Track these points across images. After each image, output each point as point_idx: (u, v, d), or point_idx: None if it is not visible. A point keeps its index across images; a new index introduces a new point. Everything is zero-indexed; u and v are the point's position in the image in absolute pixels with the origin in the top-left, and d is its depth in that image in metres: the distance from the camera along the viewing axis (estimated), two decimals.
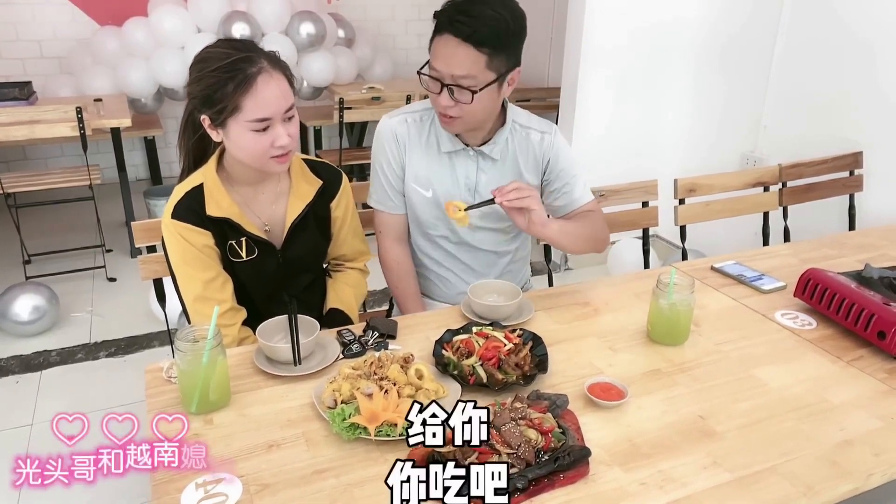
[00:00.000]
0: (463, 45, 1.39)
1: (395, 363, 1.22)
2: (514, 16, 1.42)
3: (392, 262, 1.72)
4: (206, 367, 1.13)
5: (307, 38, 4.24)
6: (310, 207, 1.51)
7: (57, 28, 4.37)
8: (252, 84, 1.30)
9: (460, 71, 1.41)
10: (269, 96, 1.32)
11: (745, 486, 1.02)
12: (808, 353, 1.40)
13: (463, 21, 1.38)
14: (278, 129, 1.34)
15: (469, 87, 1.42)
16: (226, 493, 0.99)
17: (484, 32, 1.38)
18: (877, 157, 2.54)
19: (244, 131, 1.33)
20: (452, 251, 1.72)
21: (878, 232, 2.11)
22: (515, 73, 1.49)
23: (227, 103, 1.31)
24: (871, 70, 2.56)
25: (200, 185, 1.43)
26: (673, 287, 1.36)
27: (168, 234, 1.43)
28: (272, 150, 1.36)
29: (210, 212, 1.41)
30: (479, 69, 1.41)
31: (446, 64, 1.42)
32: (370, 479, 1.02)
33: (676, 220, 2.20)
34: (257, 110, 1.31)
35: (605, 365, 1.34)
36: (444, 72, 1.43)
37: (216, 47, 1.34)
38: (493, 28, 1.39)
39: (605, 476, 1.04)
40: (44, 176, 3.48)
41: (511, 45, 1.44)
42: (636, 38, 3.26)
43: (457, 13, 1.39)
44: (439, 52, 1.43)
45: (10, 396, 2.50)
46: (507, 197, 1.41)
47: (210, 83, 1.31)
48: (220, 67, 1.30)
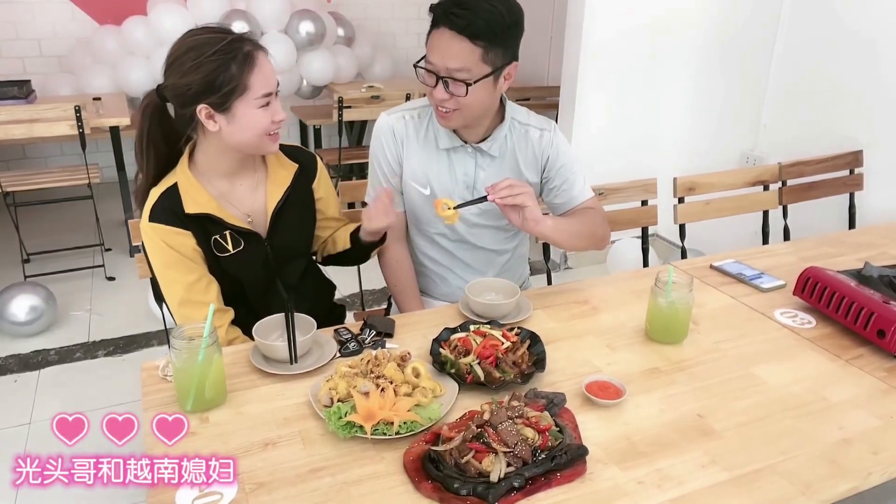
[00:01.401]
0: (458, 38, 1.39)
1: (391, 361, 1.21)
2: (511, 9, 1.42)
3: (391, 260, 1.72)
4: (202, 365, 1.12)
5: (307, 37, 4.23)
6: (290, 191, 1.51)
7: (56, 27, 4.37)
8: (254, 61, 1.33)
9: (455, 63, 1.41)
10: (269, 71, 1.36)
11: (744, 484, 1.02)
12: (808, 351, 1.39)
13: (458, 14, 1.38)
14: (275, 104, 1.38)
15: (464, 79, 1.42)
16: (221, 491, 0.98)
17: (479, 25, 1.38)
18: (877, 155, 2.53)
19: (251, 109, 1.34)
20: (451, 249, 1.71)
21: (877, 230, 2.10)
22: (512, 67, 1.48)
23: (234, 84, 1.31)
24: (872, 68, 2.55)
25: (175, 185, 1.40)
26: (671, 285, 1.36)
27: (147, 239, 1.41)
28: (271, 127, 1.38)
29: (188, 209, 1.39)
30: (473, 62, 1.41)
31: (441, 57, 1.42)
32: (366, 478, 1.02)
33: (676, 219, 2.19)
34: (264, 85, 1.34)
35: (603, 363, 1.33)
36: (440, 64, 1.43)
37: (200, 34, 1.33)
38: (489, 21, 1.38)
39: (602, 475, 1.03)
40: (43, 175, 3.48)
41: (507, 39, 1.43)
42: (636, 36, 3.26)
43: (452, 6, 1.39)
44: (435, 45, 1.43)
45: (8, 395, 2.50)
46: (500, 194, 1.40)
47: (212, 68, 1.29)
48: (218, 51, 1.29)
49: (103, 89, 4.05)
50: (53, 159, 4.64)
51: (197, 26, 1.37)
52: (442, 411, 1.14)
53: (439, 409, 1.14)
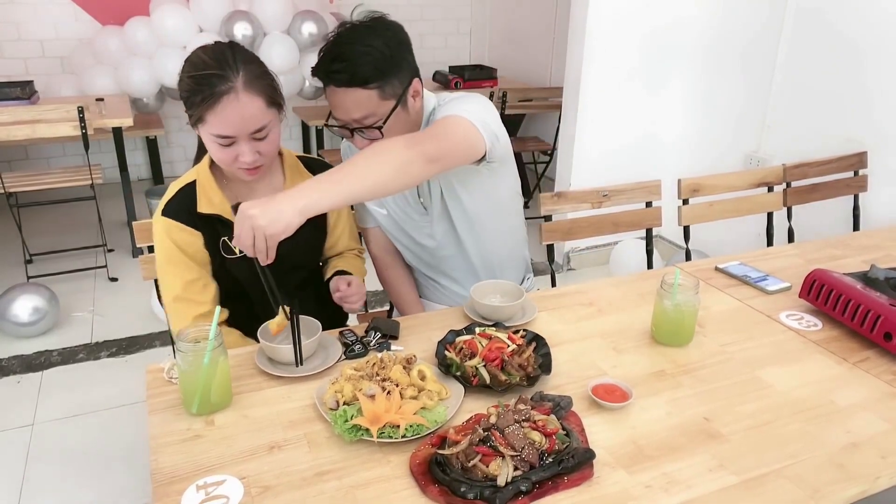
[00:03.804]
0: (349, 91, 1.35)
1: (397, 364, 1.21)
2: (388, 41, 1.37)
3: (382, 269, 1.75)
4: (208, 368, 1.12)
5: (309, 38, 4.23)
6: None
7: (59, 27, 4.37)
8: (216, 102, 1.29)
9: (358, 114, 1.38)
10: (231, 118, 1.31)
11: (751, 488, 1.01)
12: (814, 354, 1.39)
13: (338, 69, 1.34)
14: (242, 147, 1.34)
15: (373, 124, 1.39)
16: (227, 494, 0.98)
17: (364, 71, 1.34)
18: (881, 157, 2.53)
19: (210, 141, 1.35)
20: (428, 261, 1.72)
21: (883, 232, 2.09)
22: (416, 84, 1.44)
23: (195, 111, 1.32)
24: (876, 70, 2.54)
25: (193, 182, 1.44)
26: (677, 288, 1.35)
27: (157, 230, 1.44)
28: (237, 164, 1.36)
29: (201, 209, 1.42)
30: (374, 105, 1.37)
31: (344, 111, 1.39)
32: (372, 481, 1.01)
33: (680, 221, 2.19)
34: (219, 127, 1.32)
35: (609, 366, 1.33)
36: (346, 118, 1.40)
37: (204, 52, 1.34)
38: (371, 63, 1.34)
39: (609, 478, 1.03)
40: (45, 175, 3.48)
41: (396, 67, 1.38)
42: (639, 38, 3.25)
43: (330, 62, 1.35)
44: (333, 103, 1.40)
45: (11, 396, 2.50)
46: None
47: (186, 87, 1.33)
48: (195, 77, 1.31)
49: (106, 90, 4.06)
50: (56, 160, 4.65)
51: (217, 42, 1.38)
52: (448, 414, 1.14)
53: (445, 412, 1.14)
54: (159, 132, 4.36)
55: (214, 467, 1.03)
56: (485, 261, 1.70)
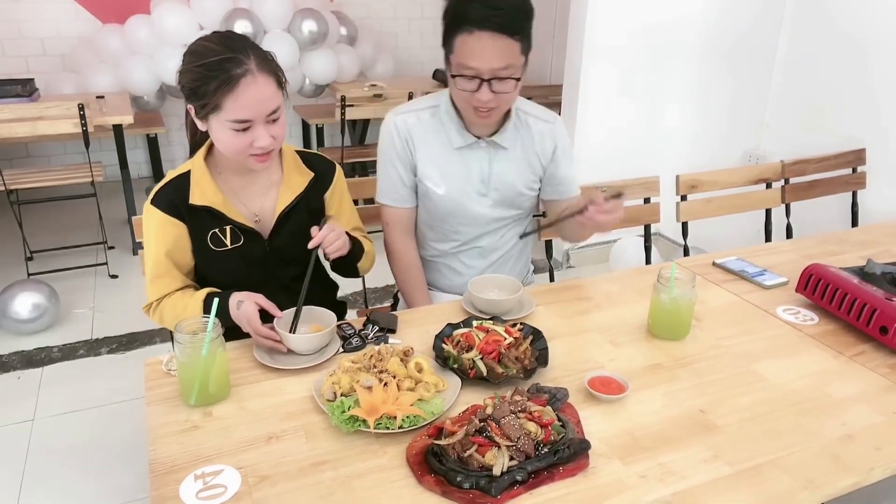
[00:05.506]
0: (500, 38, 1.39)
1: (394, 356, 1.21)
2: (530, 1, 1.44)
3: (400, 253, 1.73)
4: (206, 360, 1.12)
5: (309, 36, 4.23)
6: (300, 198, 1.51)
7: (60, 25, 4.38)
8: (235, 86, 1.29)
9: (501, 63, 1.41)
10: (251, 99, 1.31)
11: (746, 479, 1.02)
12: (810, 348, 1.39)
13: (495, 14, 1.37)
14: (259, 131, 1.34)
15: (511, 76, 1.43)
16: (224, 484, 0.99)
17: (516, 21, 1.40)
18: (879, 153, 2.53)
19: (224, 129, 1.34)
20: (464, 243, 1.73)
21: (880, 228, 2.10)
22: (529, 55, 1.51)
23: (208, 100, 1.31)
24: (875, 67, 2.55)
25: (188, 173, 1.44)
26: (674, 282, 1.36)
27: (146, 215, 1.45)
28: (251, 150, 1.36)
29: (193, 200, 1.42)
30: (516, 57, 1.43)
31: (486, 60, 1.41)
32: (369, 472, 1.02)
33: (678, 217, 2.19)
34: (238, 111, 1.31)
35: (606, 359, 1.33)
36: (484, 67, 1.42)
37: (208, 41, 1.34)
38: (520, 13, 1.41)
39: (604, 469, 1.03)
40: (46, 173, 3.48)
41: (530, 26, 1.45)
42: (639, 35, 3.26)
43: (485, 8, 1.38)
44: (475, 50, 1.41)
45: (11, 392, 2.50)
46: (600, 210, 1.42)
47: (195, 77, 1.31)
48: (205, 64, 1.30)
49: (106, 88, 4.06)
50: (57, 157, 4.65)
51: (216, 32, 1.38)
52: (445, 406, 1.14)
53: (442, 404, 1.14)
54: (160, 130, 4.36)
55: (212, 457, 1.04)
56: (498, 253, 1.76)
